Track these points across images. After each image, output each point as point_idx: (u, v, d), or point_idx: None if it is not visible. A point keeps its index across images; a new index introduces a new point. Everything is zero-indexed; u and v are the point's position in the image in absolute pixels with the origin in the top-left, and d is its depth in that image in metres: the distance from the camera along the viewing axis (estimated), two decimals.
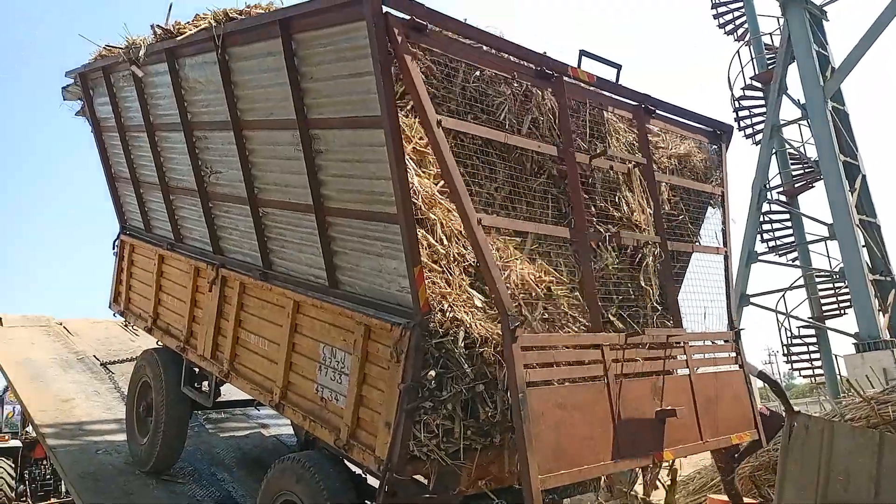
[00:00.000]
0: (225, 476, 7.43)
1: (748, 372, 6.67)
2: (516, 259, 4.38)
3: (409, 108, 4.39)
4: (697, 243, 5.75)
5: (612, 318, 4.82)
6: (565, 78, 4.93)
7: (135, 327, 8.51)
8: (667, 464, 5.20)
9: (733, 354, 5.52)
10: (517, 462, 3.79)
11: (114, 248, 8.30)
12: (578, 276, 4.69)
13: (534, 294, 4.32)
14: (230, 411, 8.49)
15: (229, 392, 6.67)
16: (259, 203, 5.38)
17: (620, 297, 4.97)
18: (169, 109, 6.29)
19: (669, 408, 4.54)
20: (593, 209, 5.02)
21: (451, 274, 4.16)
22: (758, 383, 6.91)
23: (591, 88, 5.18)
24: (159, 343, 7.31)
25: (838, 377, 15.49)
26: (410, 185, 4.02)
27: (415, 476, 4.11)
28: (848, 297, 16.03)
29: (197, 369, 6.69)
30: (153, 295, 7.26)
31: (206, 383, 6.71)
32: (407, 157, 4.16)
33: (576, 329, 4.50)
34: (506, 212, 4.60)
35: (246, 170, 5.36)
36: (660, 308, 5.18)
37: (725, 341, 5.59)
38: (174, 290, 6.94)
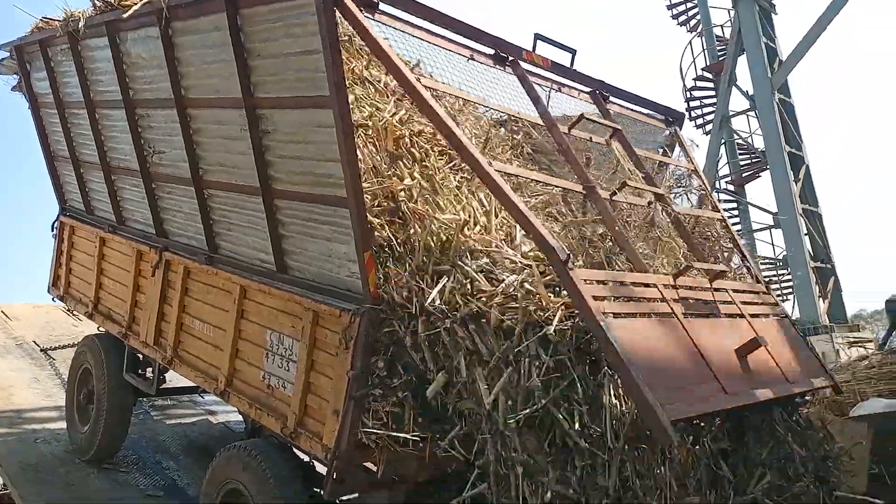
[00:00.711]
0: (170, 464, 7.26)
1: None
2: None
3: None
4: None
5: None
6: (521, 62, 4.91)
7: (76, 312, 8.23)
8: None
9: (773, 303, 5.09)
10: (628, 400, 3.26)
11: (53, 230, 7.98)
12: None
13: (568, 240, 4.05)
14: (177, 398, 8.29)
15: (176, 378, 6.50)
16: (204, 184, 5.20)
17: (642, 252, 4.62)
18: (109, 86, 6.03)
19: (753, 340, 4.08)
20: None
21: (410, 256, 4.04)
22: None
23: (546, 73, 5.18)
24: (101, 329, 7.07)
25: None
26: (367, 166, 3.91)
27: (364, 464, 4.06)
28: (790, 283, 16.58)
29: (140, 356, 6.48)
30: (94, 279, 7.00)
31: (150, 370, 6.52)
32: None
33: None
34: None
35: (190, 150, 5.17)
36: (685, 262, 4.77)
37: (760, 292, 5.12)
38: (116, 274, 6.70)
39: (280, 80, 4.24)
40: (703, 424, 3.84)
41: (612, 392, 3.28)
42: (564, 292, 3.45)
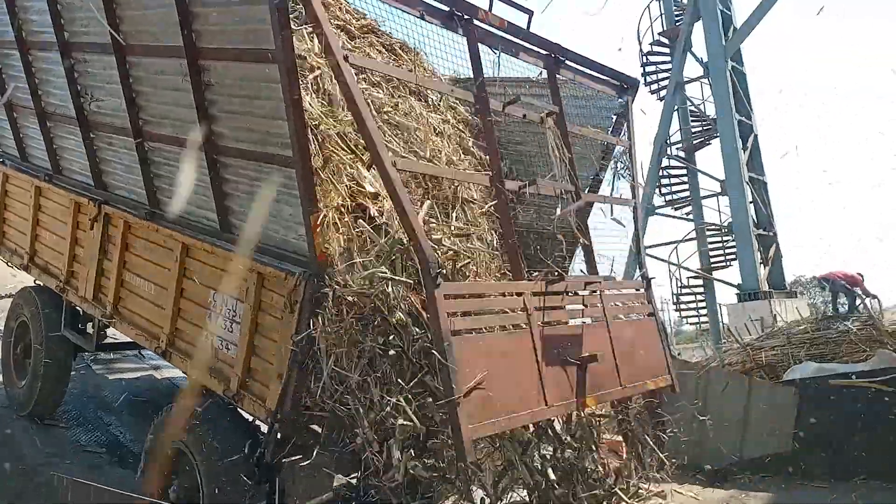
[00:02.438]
0: (112, 420, 7.15)
1: None
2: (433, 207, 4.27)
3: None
4: (610, 194, 5.81)
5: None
6: (475, 21, 4.79)
7: (10, 264, 7.90)
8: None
9: (646, 303, 5.57)
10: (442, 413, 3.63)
11: None
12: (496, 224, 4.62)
13: (453, 244, 4.22)
14: (121, 352, 8.12)
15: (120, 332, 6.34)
16: (145, 136, 4.99)
17: (538, 248, 4.92)
18: (44, 27, 5.68)
19: (590, 354, 4.48)
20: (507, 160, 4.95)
21: (352, 223, 4.03)
22: None
23: (502, 34, 5.07)
24: (37, 282, 6.82)
25: (721, 325, 16.61)
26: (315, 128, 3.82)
27: (310, 426, 4.06)
28: (734, 250, 17.08)
29: (79, 310, 6.30)
30: (30, 230, 6.72)
31: (90, 325, 6.34)
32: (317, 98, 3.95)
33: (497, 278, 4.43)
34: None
35: (129, 99, 4.94)
36: (575, 257, 5.20)
37: (638, 290, 5.65)
38: (53, 225, 6.44)
39: (224, 31, 4.06)
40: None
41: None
42: None
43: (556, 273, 4.67)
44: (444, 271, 3.75)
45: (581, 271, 5.25)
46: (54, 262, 6.36)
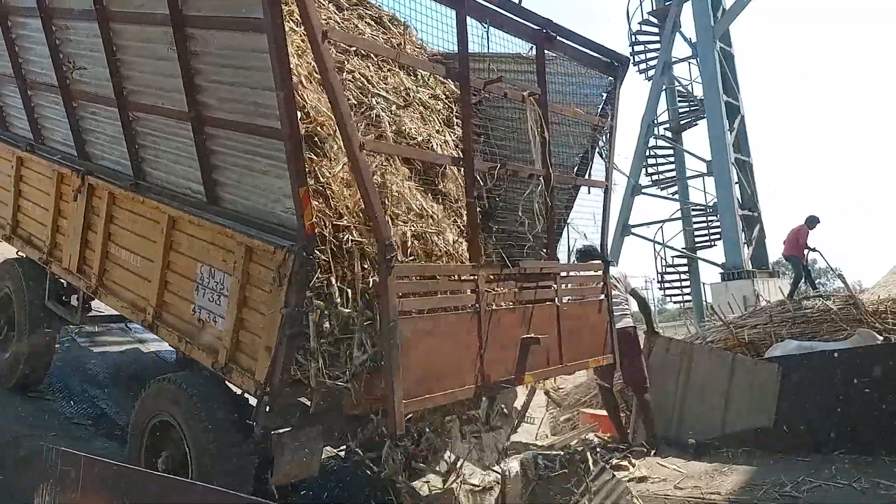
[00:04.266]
0: (98, 392, 7.12)
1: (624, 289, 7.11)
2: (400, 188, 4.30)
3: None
4: (584, 176, 5.84)
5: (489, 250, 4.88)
6: None
7: None
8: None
9: (600, 284, 5.76)
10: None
11: None
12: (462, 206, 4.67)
13: (415, 224, 4.27)
14: (106, 325, 8.06)
15: (105, 305, 6.30)
16: (129, 106, 4.89)
17: (502, 230, 5.00)
18: None
19: (533, 336, 4.72)
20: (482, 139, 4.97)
21: (339, 198, 4.02)
22: (633, 306, 7.35)
23: (493, 7, 5.01)
24: (20, 253, 6.73)
25: (704, 303, 16.82)
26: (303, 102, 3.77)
27: (299, 399, 4.07)
28: (719, 229, 17.24)
29: (63, 282, 6.23)
30: (11, 200, 6.60)
31: (74, 297, 6.28)
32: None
33: (457, 261, 4.53)
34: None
35: (114, 67, 4.83)
36: (538, 240, 5.27)
37: (595, 272, 5.83)
38: (36, 196, 6.32)
39: None
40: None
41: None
42: None
43: (508, 260, 4.81)
44: (397, 254, 3.90)
45: (542, 254, 5.32)
46: (37, 233, 6.26)
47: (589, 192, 5.82)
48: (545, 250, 5.28)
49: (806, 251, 10.69)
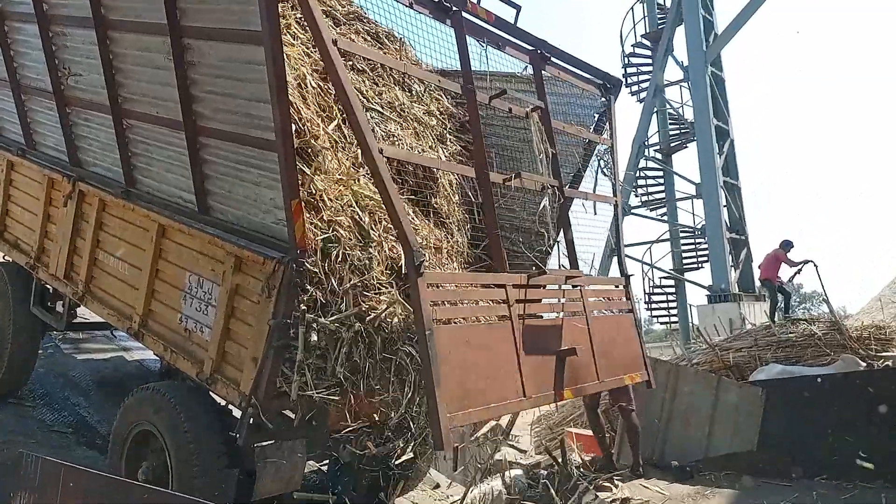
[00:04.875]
0: (80, 400, 7.03)
1: None
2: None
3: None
4: (593, 191, 5.88)
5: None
6: (464, 13, 4.80)
7: None
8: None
9: (625, 299, 5.72)
10: (418, 401, 3.76)
11: None
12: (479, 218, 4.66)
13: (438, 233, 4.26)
14: (90, 332, 7.99)
15: (90, 312, 6.25)
16: (123, 114, 4.89)
17: (520, 241, 5.01)
18: None
19: (569, 347, 4.60)
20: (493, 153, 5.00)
21: (332, 211, 4.03)
22: None
23: (489, 28, 5.09)
24: (6, 258, 6.68)
25: (691, 325, 16.88)
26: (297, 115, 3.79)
27: (283, 411, 4.05)
28: (706, 252, 17.34)
29: (49, 288, 6.18)
30: (0, 204, 6.57)
31: (59, 304, 6.23)
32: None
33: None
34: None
35: (109, 75, 4.84)
36: (557, 252, 5.29)
37: (617, 286, 5.79)
38: (25, 201, 6.30)
39: (210, 10, 3.99)
40: None
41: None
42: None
43: (538, 267, 4.72)
44: (426, 260, 3.79)
45: (562, 266, 5.30)
46: (25, 238, 6.22)
47: (596, 212, 5.84)
48: (567, 262, 5.25)
49: (794, 270, 10.75)
